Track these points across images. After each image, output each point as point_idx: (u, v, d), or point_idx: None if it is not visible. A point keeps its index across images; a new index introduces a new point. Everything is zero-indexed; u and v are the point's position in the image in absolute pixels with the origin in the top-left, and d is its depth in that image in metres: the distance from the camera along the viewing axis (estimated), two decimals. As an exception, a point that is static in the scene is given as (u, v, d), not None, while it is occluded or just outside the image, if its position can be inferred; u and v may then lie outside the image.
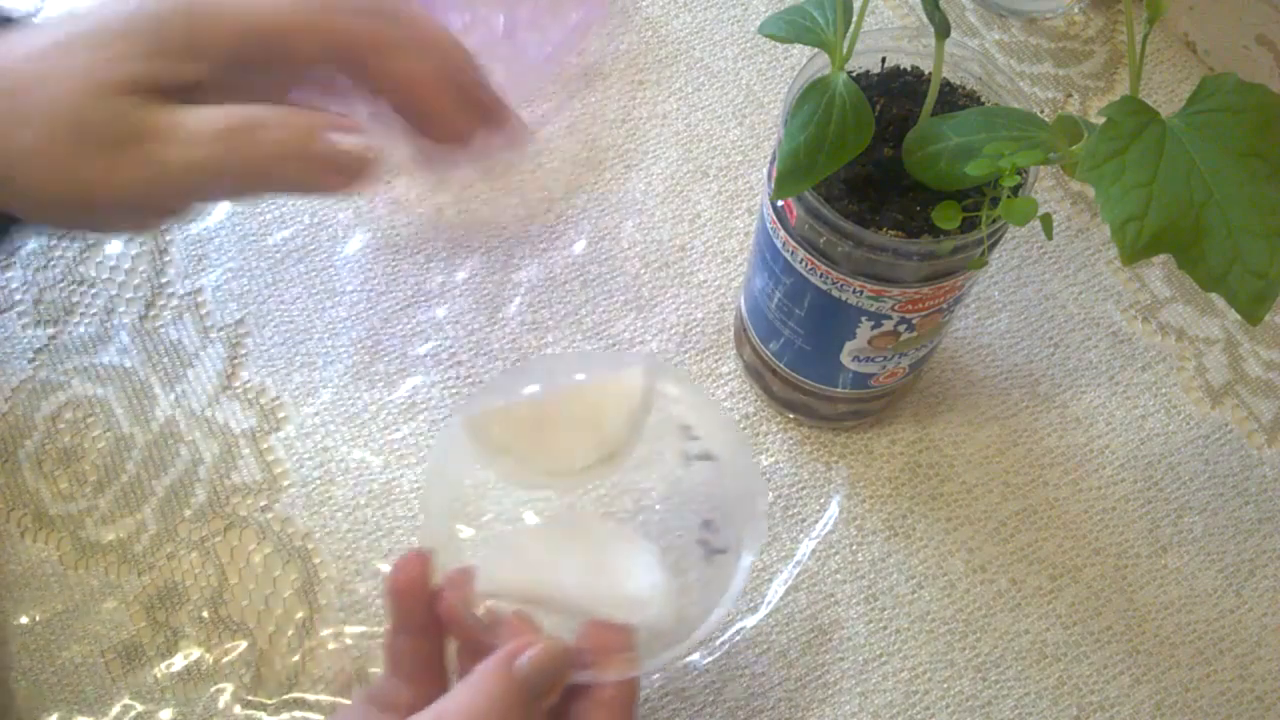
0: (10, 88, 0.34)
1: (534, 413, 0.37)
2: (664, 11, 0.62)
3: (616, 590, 0.36)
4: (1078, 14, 0.63)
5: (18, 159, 0.35)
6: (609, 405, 0.37)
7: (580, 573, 0.36)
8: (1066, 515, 0.50)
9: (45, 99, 0.34)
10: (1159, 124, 0.32)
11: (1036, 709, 0.46)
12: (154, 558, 0.47)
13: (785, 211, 0.41)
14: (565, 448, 0.36)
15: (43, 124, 0.34)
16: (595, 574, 0.36)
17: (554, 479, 0.37)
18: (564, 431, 0.36)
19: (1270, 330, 0.55)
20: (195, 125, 0.35)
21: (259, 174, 0.36)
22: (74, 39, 0.35)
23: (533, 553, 0.36)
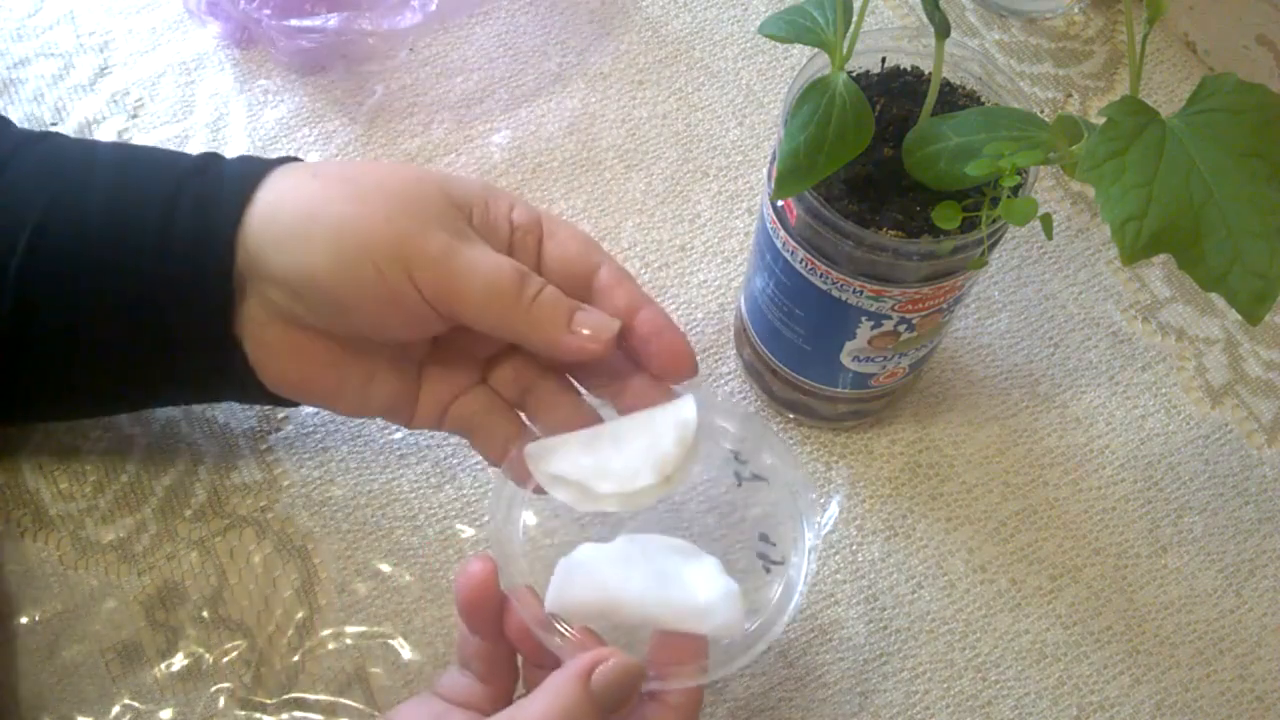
0: (310, 220, 0.38)
1: (593, 440, 0.39)
2: (664, 11, 0.62)
3: (685, 602, 0.36)
4: (1078, 14, 0.63)
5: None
6: (665, 431, 0.38)
7: (647, 588, 0.36)
8: (1066, 515, 0.50)
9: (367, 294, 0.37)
10: (1159, 124, 0.32)
11: (1036, 709, 0.46)
12: (154, 558, 0.47)
13: (785, 211, 0.41)
14: (625, 472, 0.37)
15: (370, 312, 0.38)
16: (662, 588, 0.37)
17: (614, 503, 0.38)
18: (623, 457, 0.38)
19: (1270, 330, 0.55)
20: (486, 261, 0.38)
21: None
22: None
23: (599, 571, 0.37)
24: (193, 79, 0.59)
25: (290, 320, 0.39)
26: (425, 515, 0.49)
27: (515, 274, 0.37)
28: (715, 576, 0.37)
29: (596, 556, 0.37)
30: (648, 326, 0.39)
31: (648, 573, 0.37)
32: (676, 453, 0.38)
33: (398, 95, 0.59)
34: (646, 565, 0.37)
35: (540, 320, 0.37)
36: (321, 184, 0.38)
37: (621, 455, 0.38)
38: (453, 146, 0.58)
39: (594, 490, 0.37)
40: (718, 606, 0.36)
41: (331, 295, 0.37)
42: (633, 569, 0.37)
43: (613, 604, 0.36)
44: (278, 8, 0.57)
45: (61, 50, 0.60)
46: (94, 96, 0.58)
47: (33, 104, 0.58)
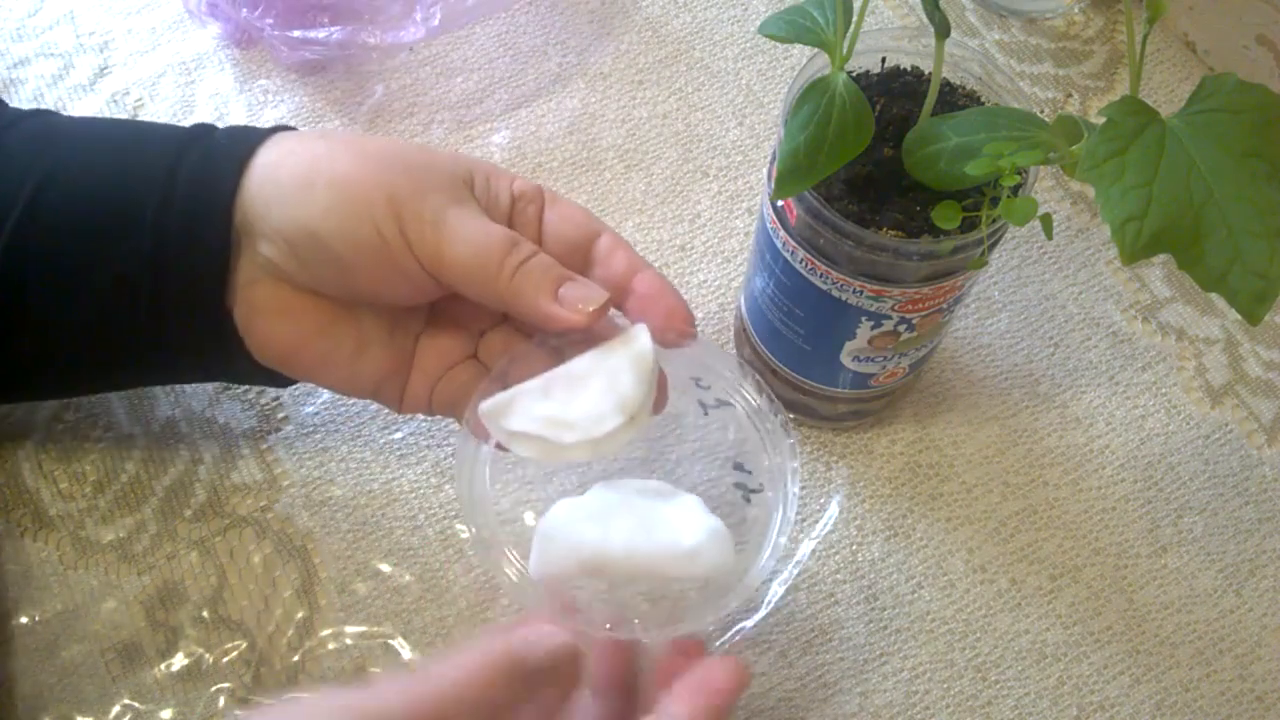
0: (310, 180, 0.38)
1: (547, 388, 0.37)
2: (664, 11, 0.62)
3: (671, 547, 0.36)
4: (1078, 14, 0.63)
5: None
6: (622, 367, 0.36)
7: (631, 538, 0.36)
8: (1066, 515, 0.50)
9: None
10: (1159, 124, 0.32)
11: (1036, 709, 0.46)
12: (154, 558, 0.47)
13: (785, 211, 0.41)
14: (588, 418, 0.36)
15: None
16: (646, 535, 0.36)
17: (581, 452, 0.36)
18: (583, 402, 0.36)
19: (1270, 330, 0.55)
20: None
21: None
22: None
23: (578, 530, 0.36)
24: (193, 79, 0.59)
25: (281, 278, 0.39)
26: (425, 515, 0.49)
27: (505, 239, 0.37)
28: (698, 516, 0.36)
29: (573, 514, 0.36)
30: (645, 288, 0.39)
31: (629, 522, 0.36)
32: (638, 389, 0.36)
33: (398, 95, 0.59)
34: (626, 514, 0.36)
35: (524, 287, 0.37)
36: (326, 144, 0.39)
37: (581, 400, 0.36)
38: (453, 146, 0.58)
39: (558, 442, 0.36)
40: (705, 547, 0.35)
41: (329, 249, 0.37)
42: (613, 520, 0.36)
43: (598, 561, 0.35)
44: (280, 17, 0.57)
45: (61, 50, 0.60)
46: (94, 96, 0.58)
47: (32, 104, 0.58)
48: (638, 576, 0.36)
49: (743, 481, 0.40)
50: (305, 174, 0.38)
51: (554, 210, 0.41)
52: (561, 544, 0.36)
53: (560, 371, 0.37)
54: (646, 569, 0.36)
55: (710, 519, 0.36)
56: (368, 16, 0.58)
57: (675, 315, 0.39)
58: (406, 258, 0.37)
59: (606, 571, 0.36)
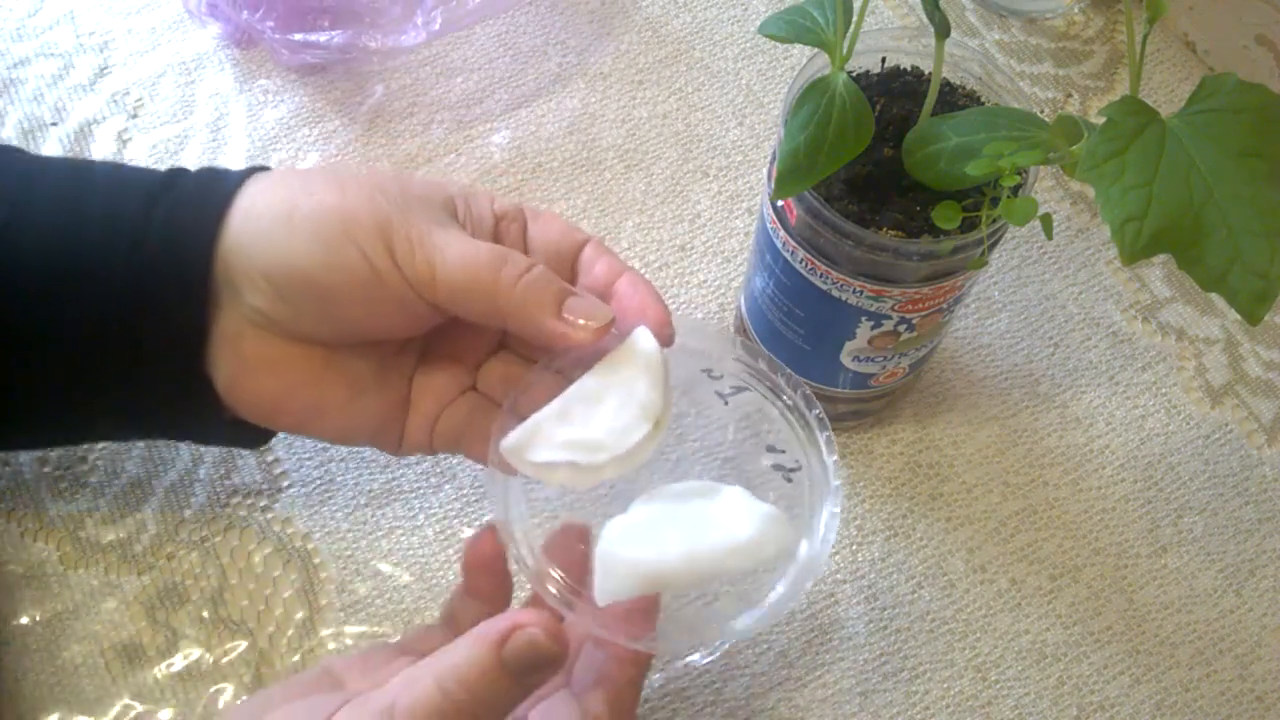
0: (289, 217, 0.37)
1: (565, 413, 0.36)
2: (664, 11, 0.62)
3: (730, 543, 0.35)
4: (1078, 14, 0.63)
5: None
6: (634, 375, 0.36)
7: (688, 545, 0.35)
8: (1066, 515, 0.50)
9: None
10: (1159, 124, 0.32)
11: (1036, 709, 0.46)
12: (154, 558, 0.47)
13: (785, 211, 0.41)
14: (612, 434, 0.35)
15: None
16: (702, 538, 0.35)
17: (612, 470, 0.36)
18: (603, 418, 0.36)
19: (1270, 330, 0.55)
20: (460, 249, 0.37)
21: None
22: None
23: (634, 549, 0.35)
24: (193, 79, 0.59)
25: (270, 329, 0.38)
26: (425, 515, 0.49)
27: (497, 252, 0.36)
28: (748, 505, 0.36)
29: (626, 534, 0.36)
30: (627, 294, 0.38)
31: (681, 528, 0.35)
32: (656, 393, 0.36)
33: (398, 95, 0.59)
34: (676, 521, 0.36)
35: (527, 302, 0.36)
36: (301, 179, 0.38)
37: (601, 417, 0.36)
38: (453, 146, 0.58)
39: (590, 465, 0.35)
40: (765, 533, 0.35)
41: (316, 284, 0.36)
42: (664, 531, 0.35)
43: (662, 575, 0.35)
44: (281, 19, 0.57)
45: (61, 50, 0.60)
46: (94, 96, 0.58)
47: (33, 104, 0.58)
48: (702, 579, 0.36)
49: (780, 462, 0.39)
50: (284, 210, 0.36)
51: (536, 225, 0.40)
52: (620, 567, 0.35)
53: (573, 392, 0.36)
54: (709, 570, 0.35)
55: (760, 505, 0.36)
56: (368, 19, 0.58)
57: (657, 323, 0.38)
58: (397, 282, 0.36)
59: (671, 583, 0.35)
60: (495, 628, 0.32)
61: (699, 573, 0.35)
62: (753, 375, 0.40)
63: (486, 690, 0.31)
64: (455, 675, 0.31)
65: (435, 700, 0.31)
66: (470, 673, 0.31)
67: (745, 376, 0.40)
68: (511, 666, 0.32)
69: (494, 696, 0.32)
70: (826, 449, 0.38)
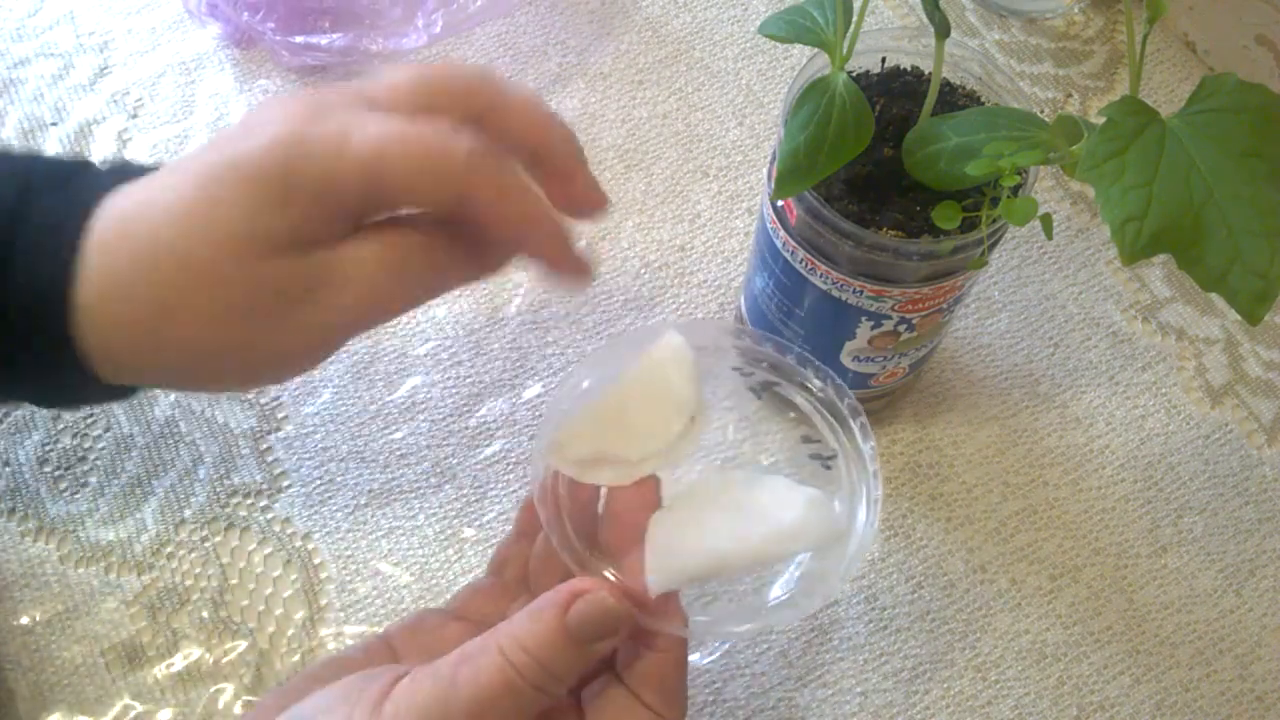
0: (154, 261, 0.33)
1: (605, 411, 0.37)
2: (664, 11, 0.62)
3: (777, 528, 0.35)
4: (1078, 14, 0.63)
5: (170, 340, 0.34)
6: (667, 372, 0.36)
7: (735, 532, 0.35)
8: (1066, 515, 0.50)
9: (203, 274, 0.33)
10: (1159, 124, 0.32)
11: (1036, 709, 0.46)
12: (154, 558, 0.47)
13: (785, 211, 0.41)
14: (651, 430, 0.36)
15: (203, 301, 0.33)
16: (748, 525, 0.35)
17: (655, 464, 0.36)
18: (643, 415, 0.36)
19: (1270, 330, 0.55)
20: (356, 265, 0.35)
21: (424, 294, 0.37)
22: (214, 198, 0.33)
23: (683, 537, 0.35)
24: (193, 79, 0.59)
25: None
26: (425, 515, 0.49)
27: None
28: (792, 491, 0.36)
29: (673, 524, 0.35)
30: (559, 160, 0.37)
31: (727, 517, 0.35)
32: (689, 388, 0.36)
33: (398, 95, 0.59)
34: (722, 510, 0.36)
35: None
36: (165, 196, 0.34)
37: (637, 414, 0.36)
38: (453, 146, 0.58)
39: (630, 460, 0.36)
40: (810, 518, 0.35)
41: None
42: (711, 520, 0.35)
43: (712, 563, 0.35)
44: (281, 21, 0.57)
45: (61, 50, 0.60)
46: (94, 96, 0.58)
47: (33, 104, 0.58)
48: (750, 565, 0.36)
49: (817, 451, 0.39)
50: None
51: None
52: (672, 558, 0.35)
53: (609, 393, 0.37)
54: (757, 556, 0.35)
55: (804, 489, 0.36)
56: (369, 21, 0.58)
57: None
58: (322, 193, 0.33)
59: (721, 570, 0.35)
60: (559, 595, 0.32)
61: (747, 559, 0.35)
62: (781, 370, 0.40)
63: (552, 659, 0.31)
64: (520, 645, 0.31)
65: (500, 672, 0.31)
66: (535, 642, 0.31)
67: (774, 372, 0.40)
68: (577, 633, 0.32)
69: (560, 665, 0.32)
70: (862, 435, 0.38)
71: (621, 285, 0.54)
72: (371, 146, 0.33)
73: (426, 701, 0.31)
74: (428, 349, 0.52)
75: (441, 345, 0.52)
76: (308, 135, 0.33)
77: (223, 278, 0.33)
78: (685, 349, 0.37)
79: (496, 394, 0.51)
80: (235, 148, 0.34)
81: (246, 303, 0.34)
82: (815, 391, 0.39)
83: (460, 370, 0.52)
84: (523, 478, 0.49)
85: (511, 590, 0.39)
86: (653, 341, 0.37)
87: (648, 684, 0.34)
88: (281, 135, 0.33)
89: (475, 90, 0.36)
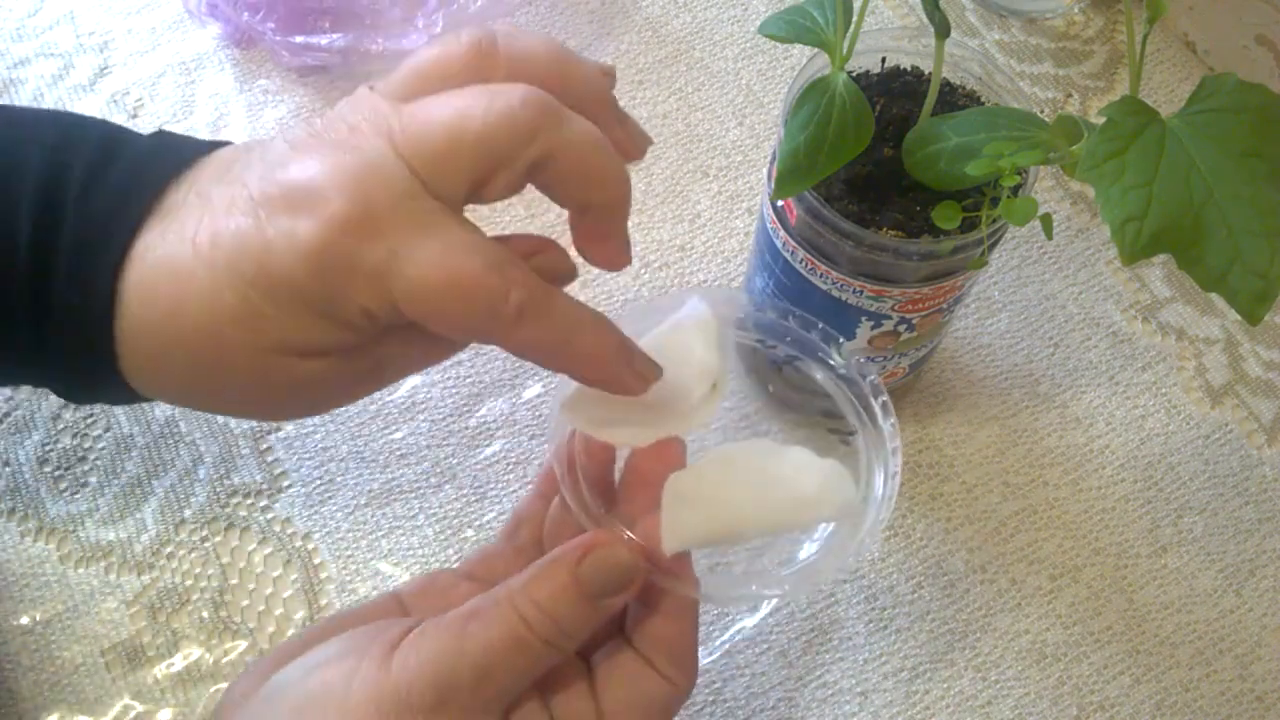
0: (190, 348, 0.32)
1: None
2: (664, 11, 0.62)
3: (795, 497, 0.35)
4: (1078, 14, 0.63)
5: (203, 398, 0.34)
6: (692, 340, 0.36)
7: (753, 498, 0.35)
8: (1066, 515, 0.50)
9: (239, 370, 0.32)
10: (1159, 124, 0.32)
11: (1036, 709, 0.46)
12: (154, 558, 0.47)
13: (785, 211, 0.41)
14: (674, 394, 0.35)
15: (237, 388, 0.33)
16: (767, 492, 0.35)
17: (675, 427, 0.36)
18: (665, 378, 0.35)
19: (1270, 330, 0.55)
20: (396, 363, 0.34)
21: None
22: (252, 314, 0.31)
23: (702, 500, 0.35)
24: (193, 79, 0.59)
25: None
26: (425, 515, 0.49)
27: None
28: (812, 461, 0.35)
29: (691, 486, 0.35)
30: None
31: (746, 483, 0.35)
32: (714, 355, 0.36)
33: (398, 95, 0.59)
34: (740, 477, 0.35)
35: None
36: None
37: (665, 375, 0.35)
38: (453, 146, 0.58)
39: (652, 421, 0.35)
40: (830, 488, 0.35)
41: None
42: (730, 486, 0.35)
43: (728, 526, 0.34)
44: (282, 21, 0.57)
45: (61, 50, 0.60)
46: (94, 96, 0.58)
47: (33, 104, 0.58)
48: (767, 532, 0.35)
49: (836, 427, 0.39)
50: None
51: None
52: (687, 517, 0.34)
53: None
54: (774, 522, 0.35)
55: (824, 461, 0.35)
56: (369, 21, 0.58)
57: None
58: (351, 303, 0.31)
59: (737, 535, 0.35)
60: (572, 549, 0.32)
61: (765, 525, 0.35)
62: (804, 345, 0.40)
63: (563, 614, 0.31)
64: (530, 599, 0.31)
65: (511, 626, 0.31)
66: (546, 596, 0.31)
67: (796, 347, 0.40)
68: (589, 587, 0.32)
69: (571, 620, 0.31)
70: (883, 414, 0.38)
71: (621, 285, 0.54)
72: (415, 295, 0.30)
73: (435, 654, 0.30)
74: (428, 349, 0.52)
75: (441, 345, 0.52)
76: (355, 258, 0.30)
77: (262, 372, 0.32)
78: (710, 316, 0.36)
79: (496, 394, 0.51)
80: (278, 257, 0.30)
81: (287, 392, 0.33)
82: (837, 369, 0.39)
83: (460, 370, 0.52)
84: (523, 478, 0.49)
85: (526, 552, 0.38)
86: (678, 308, 0.37)
87: (659, 648, 0.34)
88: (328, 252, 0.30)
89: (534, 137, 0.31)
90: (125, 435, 0.49)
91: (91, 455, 0.49)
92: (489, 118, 0.30)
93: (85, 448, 0.49)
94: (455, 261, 0.30)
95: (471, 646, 0.30)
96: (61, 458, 0.49)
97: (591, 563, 0.32)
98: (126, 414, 0.50)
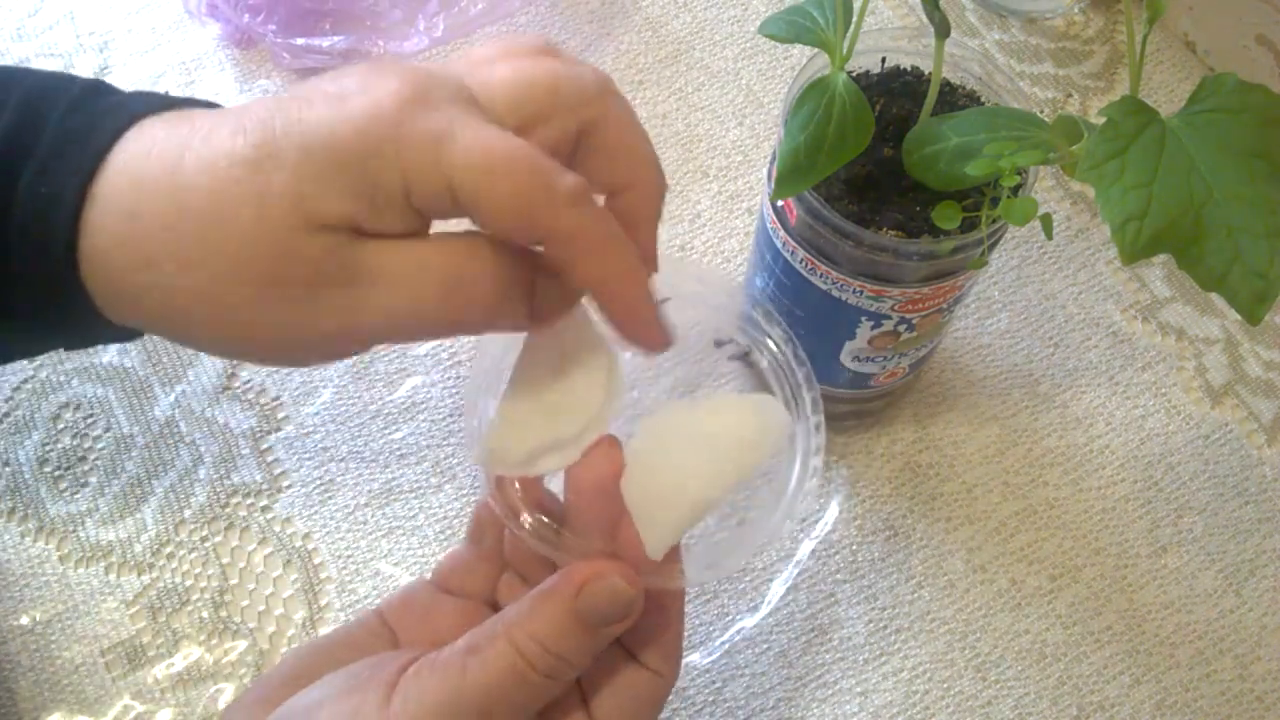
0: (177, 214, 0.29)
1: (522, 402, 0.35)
2: (664, 11, 0.62)
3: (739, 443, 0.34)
4: (1078, 14, 0.63)
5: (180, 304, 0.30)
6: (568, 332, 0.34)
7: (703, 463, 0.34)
8: (1066, 515, 0.50)
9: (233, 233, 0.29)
10: (1159, 124, 0.32)
11: (1036, 709, 0.46)
12: (154, 558, 0.47)
13: (785, 211, 0.41)
14: (575, 395, 0.34)
15: (226, 264, 0.29)
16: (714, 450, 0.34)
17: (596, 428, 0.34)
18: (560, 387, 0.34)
19: (1270, 330, 0.55)
20: (406, 271, 0.30)
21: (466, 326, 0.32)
22: (269, 157, 0.29)
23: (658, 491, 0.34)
24: (193, 79, 0.59)
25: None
26: (425, 515, 0.49)
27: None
28: (738, 401, 0.35)
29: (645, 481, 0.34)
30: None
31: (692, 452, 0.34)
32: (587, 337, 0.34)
33: (398, 95, 0.59)
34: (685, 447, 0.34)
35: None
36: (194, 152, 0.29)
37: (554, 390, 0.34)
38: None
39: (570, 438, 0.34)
40: (767, 422, 0.34)
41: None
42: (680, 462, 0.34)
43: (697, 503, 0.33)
44: (282, 23, 0.57)
45: (61, 50, 0.60)
46: (94, 96, 0.58)
47: (33, 104, 0.58)
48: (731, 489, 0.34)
49: (733, 353, 0.39)
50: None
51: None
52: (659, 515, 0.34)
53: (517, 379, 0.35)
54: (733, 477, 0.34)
55: (749, 397, 0.35)
56: (369, 23, 0.58)
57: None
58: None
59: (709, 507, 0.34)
60: (568, 581, 0.32)
61: (727, 484, 0.34)
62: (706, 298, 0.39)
63: (565, 647, 0.31)
64: (529, 634, 0.31)
65: (511, 663, 0.31)
66: (546, 631, 0.31)
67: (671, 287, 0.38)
68: (588, 619, 0.31)
69: (572, 652, 0.31)
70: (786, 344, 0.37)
71: (621, 285, 0.54)
72: (472, 160, 0.28)
73: (437, 695, 0.30)
74: (428, 349, 0.52)
75: (441, 345, 0.52)
76: (405, 128, 0.28)
77: (252, 237, 0.29)
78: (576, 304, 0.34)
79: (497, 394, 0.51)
80: (317, 114, 0.29)
81: (272, 270, 0.29)
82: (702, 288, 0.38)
83: (460, 370, 0.52)
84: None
85: (492, 559, 0.37)
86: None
87: (645, 644, 0.34)
88: (380, 115, 0.28)
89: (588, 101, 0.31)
90: (125, 435, 0.49)
91: (91, 455, 0.49)
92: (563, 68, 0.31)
93: (85, 448, 0.49)
94: (514, 141, 0.29)
95: (471, 685, 0.30)
96: (61, 458, 0.49)
97: (590, 595, 0.31)
98: (126, 414, 0.50)
